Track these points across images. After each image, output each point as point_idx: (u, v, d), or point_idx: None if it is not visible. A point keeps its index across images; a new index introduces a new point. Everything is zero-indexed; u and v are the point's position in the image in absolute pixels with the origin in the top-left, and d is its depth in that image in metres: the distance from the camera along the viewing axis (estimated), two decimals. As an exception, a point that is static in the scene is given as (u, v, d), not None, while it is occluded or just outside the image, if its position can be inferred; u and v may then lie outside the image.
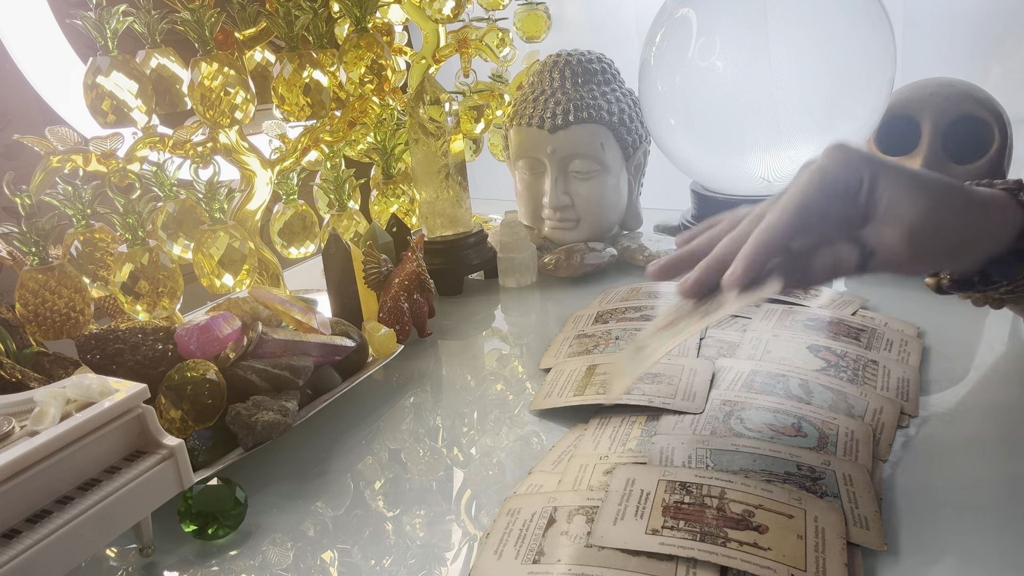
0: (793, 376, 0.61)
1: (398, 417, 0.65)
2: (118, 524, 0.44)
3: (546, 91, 0.96)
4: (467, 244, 0.92)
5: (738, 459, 0.50)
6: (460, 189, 0.91)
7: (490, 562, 0.44)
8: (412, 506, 0.53)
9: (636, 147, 0.97)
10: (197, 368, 0.57)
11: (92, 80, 0.72)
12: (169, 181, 0.81)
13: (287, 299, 0.67)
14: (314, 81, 0.80)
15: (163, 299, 0.73)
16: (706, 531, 0.43)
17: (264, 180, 0.85)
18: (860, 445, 0.52)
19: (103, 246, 0.76)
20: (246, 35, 0.88)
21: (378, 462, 0.59)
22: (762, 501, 0.46)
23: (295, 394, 0.60)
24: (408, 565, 0.47)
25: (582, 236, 0.97)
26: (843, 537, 0.43)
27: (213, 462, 0.55)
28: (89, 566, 0.50)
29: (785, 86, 0.78)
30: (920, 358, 0.64)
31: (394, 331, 0.73)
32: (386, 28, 1.03)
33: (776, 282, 0.46)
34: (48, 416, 0.43)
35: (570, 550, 0.44)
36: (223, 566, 0.48)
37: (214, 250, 0.75)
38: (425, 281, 0.78)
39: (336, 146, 0.90)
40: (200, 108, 0.75)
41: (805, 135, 0.81)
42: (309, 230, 0.92)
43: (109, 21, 0.72)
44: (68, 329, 0.70)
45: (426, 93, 0.86)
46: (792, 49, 0.78)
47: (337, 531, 0.51)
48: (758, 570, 0.40)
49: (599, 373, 0.64)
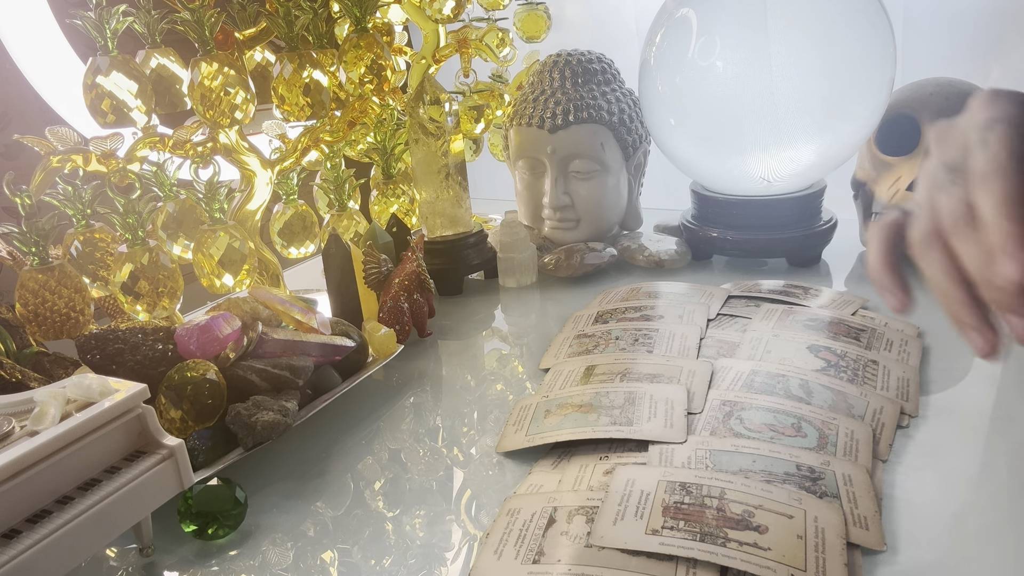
0: (793, 376, 0.61)
1: (398, 417, 0.65)
2: (118, 524, 0.44)
3: (546, 91, 0.96)
4: (467, 244, 0.92)
5: (738, 459, 0.50)
6: (460, 189, 0.91)
7: (490, 562, 0.44)
8: (412, 506, 0.53)
9: (636, 147, 0.97)
10: (197, 368, 0.57)
11: (92, 80, 0.72)
12: (169, 181, 0.81)
13: (287, 299, 0.67)
14: (314, 81, 0.80)
15: (163, 299, 0.73)
16: (706, 531, 0.43)
17: (264, 180, 0.85)
18: (860, 445, 0.52)
19: (103, 246, 0.76)
20: (246, 35, 0.88)
21: (378, 462, 0.59)
22: (762, 501, 0.46)
23: (295, 394, 0.60)
24: (408, 565, 0.47)
25: (582, 236, 0.97)
26: (843, 537, 0.43)
27: (213, 462, 0.55)
28: (89, 566, 0.50)
29: (785, 86, 0.78)
30: (920, 358, 0.64)
31: (394, 331, 0.73)
32: (386, 28, 1.02)
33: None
34: (48, 416, 0.43)
35: (570, 550, 0.44)
36: (223, 566, 0.48)
37: (214, 250, 0.75)
38: (425, 281, 0.78)
39: (336, 146, 0.90)
40: (200, 108, 0.75)
41: (805, 135, 0.81)
42: (309, 230, 0.92)
43: (109, 21, 0.72)
44: (68, 329, 0.70)
45: (426, 93, 0.86)
46: (792, 49, 0.78)
47: (337, 531, 0.51)
48: (758, 570, 0.40)
49: (598, 373, 0.64)
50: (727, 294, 0.79)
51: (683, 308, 0.76)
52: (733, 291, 0.80)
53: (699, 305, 0.77)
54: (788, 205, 0.88)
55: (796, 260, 0.90)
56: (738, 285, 0.82)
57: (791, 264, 0.91)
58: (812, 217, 0.89)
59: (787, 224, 0.88)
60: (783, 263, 0.91)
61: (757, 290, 0.79)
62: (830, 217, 0.90)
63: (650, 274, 0.93)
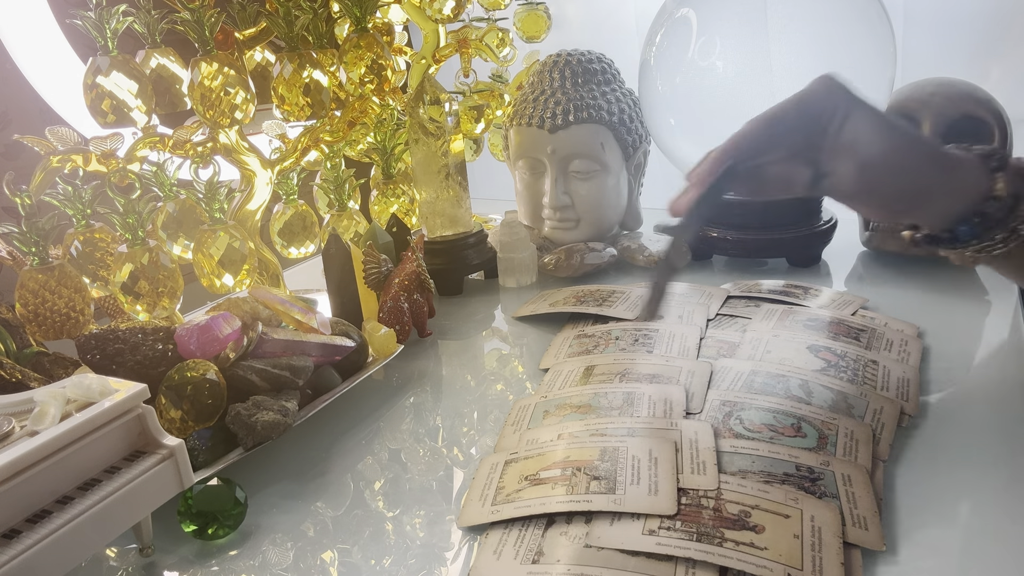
0: (793, 376, 0.61)
1: (398, 417, 0.65)
2: (118, 524, 0.44)
3: (546, 91, 0.96)
4: (467, 244, 0.92)
5: (737, 460, 0.50)
6: (460, 189, 0.91)
7: (489, 562, 0.44)
8: (412, 506, 0.53)
9: (636, 147, 0.97)
10: (197, 368, 0.57)
11: (92, 80, 0.72)
12: (169, 181, 0.81)
13: (287, 299, 0.67)
14: (314, 81, 0.80)
15: (163, 299, 0.73)
16: (703, 531, 0.43)
17: (264, 180, 0.85)
18: (860, 445, 0.52)
19: (103, 246, 0.76)
20: (246, 35, 0.88)
21: (378, 462, 0.59)
22: (759, 501, 0.46)
23: (295, 394, 0.60)
24: (408, 565, 0.47)
25: (582, 236, 0.97)
26: (840, 537, 0.43)
27: (213, 462, 0.55)
28: (89, 566, 0.50)
29: (785, 86, 0.78)
30: (920, 358, 0.64)
31: (394, 331, 0.73)
32: (386, 28, 1.03)
33: (731, 184, 0.53)
34: (48, 416, 0.43)
35: (569, 550, 0.44)
36: (223, 566, 0.48)
37: (214, 250, 0.75)
38: (425, 281, 0.78)
39: (336, 146, 0.90)
40: (200, 108, 0.75)
41: (805, 135, 0.81)
42: (309, 230, 0.92)
43: (109, 21, 0.72)
44: (68, 329, 0.70)
45: (426, 93, 0.86)
46: (792, 49, 0.78)
47: (337, 531, 0.51)
48: (755, 569, 0.41)
49: (598, 373, 0.65)
50: (727, 294, 0.79)
51: (683, 308, 0.76)
52: (733, 291, 0.80)
53: (699, 305, 0.77)
54: (788, 205, 0.88)
55: (796, 260, 0.90)
56: (738, 285, 0.82)
57: (791, 264, 0.91)
58: (812, 217, 0.89)
59: (787, 224, 0.88)
60: (783, 263, 0.91)
61: (757, 290, 0.80)
62: (830, 217, 0.90)
63: (650, 274, 0.93)
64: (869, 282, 0.84)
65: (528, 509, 0.47)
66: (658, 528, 0.44)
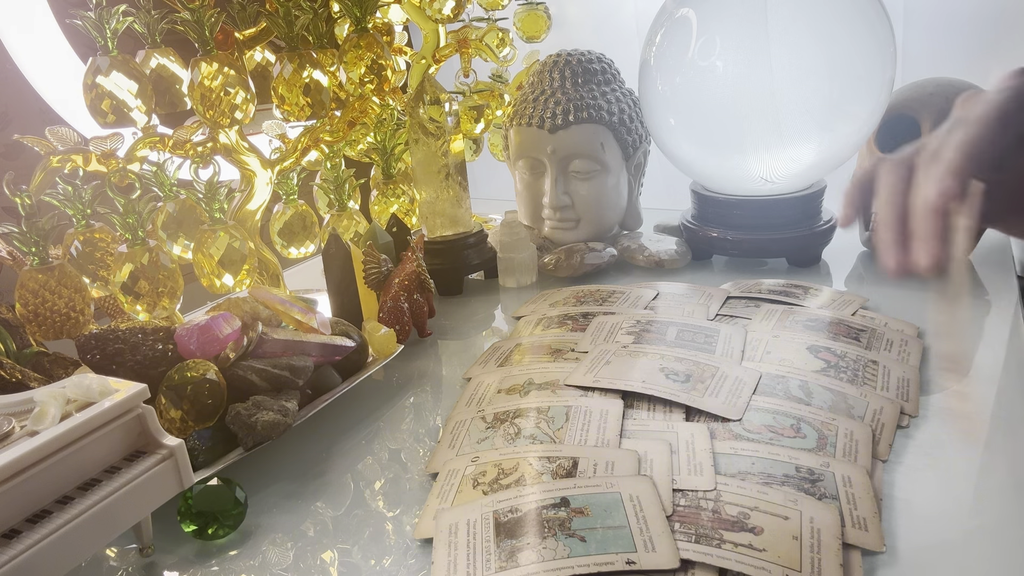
0: (793, 377, 0.61)
1: (398, 417, 0.65)
2: (118, 524, 0.44)
3: (546, 91, 0.96)
4: (467, 244, 0.92)
5: (736, 462, 0.50)
6: (460, 189, 0.91)
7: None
8: (412, 506, 0.53)
9: (636, 147, 0.97)
10: (197, 368, 0.57)
11: (92, 80, 0.72)
12: (169, 181, 0.81)
13: (287, 299, 0.67)
14: (314, 81, 0.80)
15: (163, 299, 0.73)
16: (701, 533, 0.43)
17: (264, 180, 0.85)
18: (860, 446, 0.52)
19: (103, 246, 0.76)
20: (246, 35, 0.88)
21: (378, 462, 0.59)
22: (757, 503, 0.46)
23: (295, 394, 0.60)
24: (408, 565, 0.47)
25: (582, 236, 0.97)
26: (839, 538, 0.43)
27: (213, 462, 0.55)
28: (89, 566, 0.50)
29: (785, 86, 0.78)
30: (920, 358, 0.64)
31: (394, 331, 0.73)
32: (386, 28, 1.03)
33: (977, 203, 0.39)
34: (48, 416, 0.43)
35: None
36: (223, 566, 0.48)
37: (214, 250, 0.75)
38: (425, 281, 0.78)
39: (336, 146, 0.90)
40: (200, 108, 0.75)
41: (805, 135, 0.81)
42: (309, 230, 0.92)
43: (109, 21, 0.72)
44: (68, 329, 0.70)
45: (426, 93, 0.86)
46: (792, 49, 0.78)
47: (337, 531, 0.51)
48: (753, 571, 0.41)
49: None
50: (726, 295, 0.79)
51: (683, 308, 0.76)
52: (733, 291, 0.80)
53: (699, 306, 0.77)
54: (788, 205, 0.88)
55: (796, 260, 0.90)
56: (738, 285, 0.82)
57: (791, 264, 0.91)
58: (812, 217, 0.90)
59: (787, 224, 0.88)
60: (783, 263, 0.91)
61: (757, 290, 0.80)
62: (830, 217, 0.90)
63: (650, 274, 0.93)
64: (869, 282, 0.84)
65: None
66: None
